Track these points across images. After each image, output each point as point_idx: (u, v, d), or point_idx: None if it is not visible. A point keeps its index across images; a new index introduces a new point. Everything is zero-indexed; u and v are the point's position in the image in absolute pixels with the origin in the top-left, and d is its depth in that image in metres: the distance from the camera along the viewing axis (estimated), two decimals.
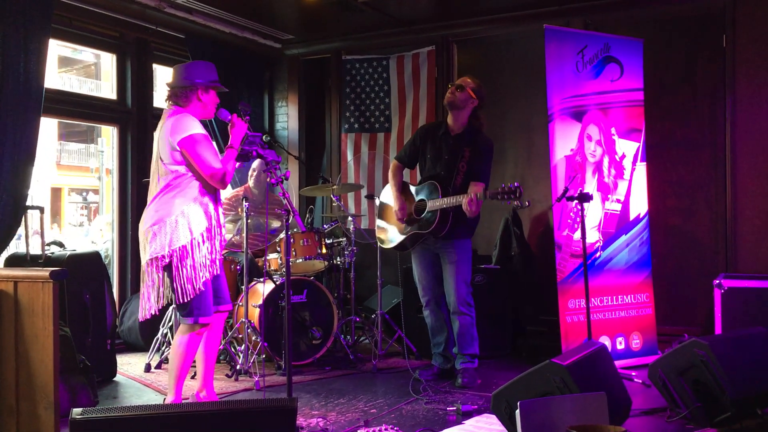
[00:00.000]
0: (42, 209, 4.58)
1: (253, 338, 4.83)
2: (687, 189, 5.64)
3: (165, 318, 4.97)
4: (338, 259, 5.57)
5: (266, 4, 6.22)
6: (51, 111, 5.40)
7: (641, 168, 5.19)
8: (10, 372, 3.27)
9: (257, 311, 4.85)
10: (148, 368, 4.90)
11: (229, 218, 5.30)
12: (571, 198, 4.44)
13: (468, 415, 3.76)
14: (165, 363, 4.91)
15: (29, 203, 4.60)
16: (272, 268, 5.13)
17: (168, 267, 3.52)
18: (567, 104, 4.95)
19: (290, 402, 2.63)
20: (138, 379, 4.73)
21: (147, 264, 3.56)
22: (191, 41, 6.21)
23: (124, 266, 5.97)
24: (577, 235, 4.70)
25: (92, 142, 17.55)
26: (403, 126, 6.67)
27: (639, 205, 5.17)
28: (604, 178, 5.06)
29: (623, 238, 5.08)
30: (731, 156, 5.39)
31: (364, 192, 6.63)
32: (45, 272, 3.22)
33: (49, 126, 15.21)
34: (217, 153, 3.65)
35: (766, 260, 5.25)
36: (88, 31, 5.74)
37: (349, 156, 6.93)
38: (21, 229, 4.57)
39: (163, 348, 4.97)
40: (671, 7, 5.69)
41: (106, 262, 5.66)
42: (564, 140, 4.93)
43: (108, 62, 6.34)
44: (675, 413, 3.58)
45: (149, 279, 3.56)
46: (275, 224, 5.45)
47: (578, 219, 4.53)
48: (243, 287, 4.84)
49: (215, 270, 3.61)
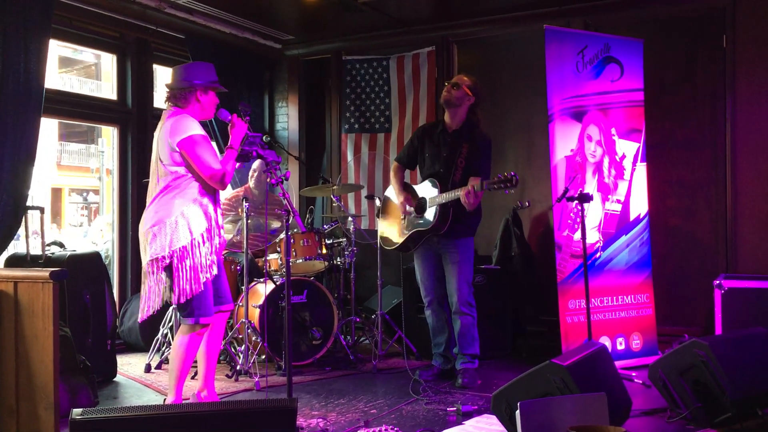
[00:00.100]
0: (42, 209, 4.59)
1: (254, 338, 4.83)
2: (687, 189, 5.64)
3: (165, 318, 4.97)
4: (338, 260, 5.57)
5: (266, 5, 6.22)
6: (51, 111, 5.40)
7: (641, 168, 5.18)
8: (10, 372, 3.27)
9: (257, 312, 4.85)
10: (149, 368, 4.90)
11: (230, 219, 5.30)
12: (572, 198, 4.44)
13: (468, 416, 3.76)
14: (165, 363, 4.91)
15: (29, 203, 4.60)
16: (272, 269, 5.14)
17: (168, 268, 3.52)
18: (567, 104, 4.95)
19: (290, 402, 2.64)
20: (138, 380, 4.74)
21: (147, 265, 3.57)
22: (191, 42, 6.21)
23: (125, 266, 5.97)
24: (578, 236, 4.70)
25: (92, 143, 17.56)
26: (404, 126, 6.67)
27: (639, 206, 5.17)
28: (605, 179, 5.06)
29: (623, 239, 5.08)
30: (731, 156, 5.39)
31: (365, 192, 6.63)
32: (45, 273, 3.22)
33: (50, 126, 15.22)
34: (217, 154, 3.66)
35: (767, 260, 5.25)
36: (89, 32, 5.74)
37: (350, 156, 6.93)
38: (21, 230, 4.57)
39: (164, 348, 4.97)
40: (671, 8, 5.69)
41: (107, 263, 5.66)
42: (564, 140, 4.93)
43: (108, 62, 6.34)
44: (675, 414, 3.58)
45: (150, 280, 3.56)
46: (275, 224, 5.45)
47: (578, 219, 4.53)
48: (243, 287, 4.84)
49: (214, 270, 3.61)
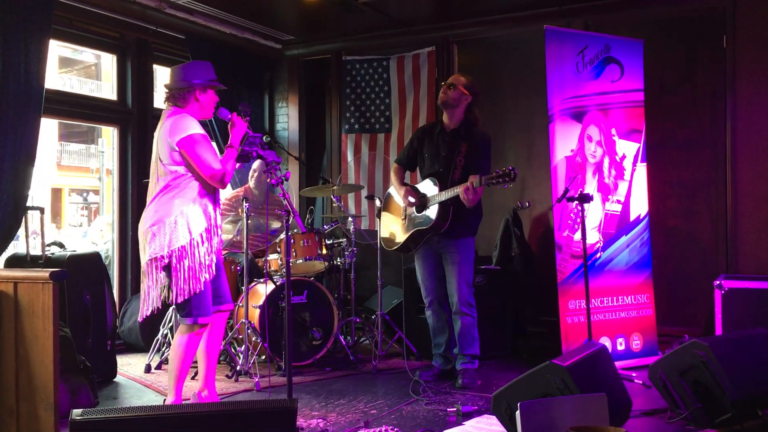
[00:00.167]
0: (42, 210, 4.59)
1: (254, 339, 4.83)
2: (687, 190, 5.64)
3: (165, 319, 4.97)
4: (338, 260, 5.57)
5: (267, 5, 6.22)
6: (51, 111, 5.40)
7: (641, 169, 5.18)
8: (10, 373, 3.27)
9: (257, 312, 4.85)
10: (149, 369, 4.90)
11: (230, 219, 5.30)
12: (572, 199, 4.44)
13: (468, 416, 3.76)
14: (165, 364, 4.91)
15: (29, 204, 4.61)
16: (272, 269, 5.14)
17: (167, 267, 3.52)
18: (567, 105, 4.95)
19: (290, 403, 2.64)
20: (138, 380, 4.73)
21: (146, 264, 3.57)
22: (191, 42, 6.21)
23: (125, 267, 5.96)
24: (578, 236, 4.70)
25: (93, 143, 17.57)
26: (404, 126, 6.67)
27: (639, 206, 5.17)
28: (605, 179, 5.05)
29: (623, 239, 5.08)
30: (732, 157, 5.39)
31: (365, 193, 6.63)
32: (45, 273, 3.22)
33: (50, 126, 15.23)
34: (216, 153, 3.65)
35: (767, 261, 5.25)
36: (89, 32, 5.74)
37: (350, 157, 6.93)
38: (21, 230, 4.57)
39: (164, 349, 4.97)
40: (671, 8, 5.69)
41: (107, 263, 5.66)
42: (564, 141, 4.93)
43: (108, 63, 6.34)
44: (675, 414, 3.58)
45: (149, 279, 3.56)
46: (275, 225, 5.45)
47: (578, 220, 4.52)
48: (243, 288, 4.84)
49: (213, 270, 3.61)
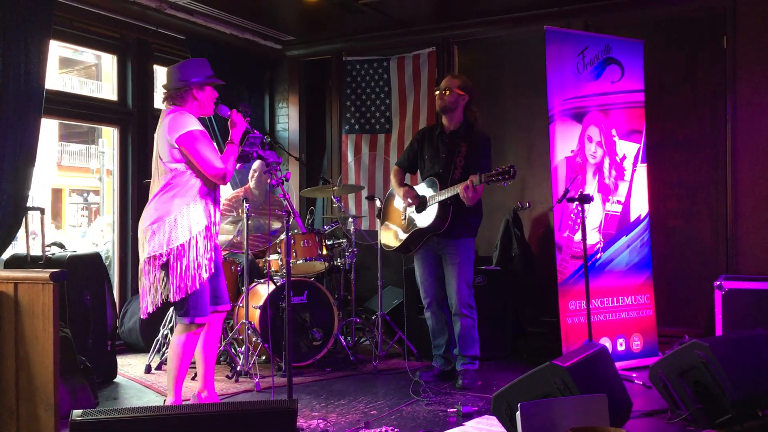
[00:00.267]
0: (42, 210, 4.59)
1: (254, 339, 4.83)
2: (687, 190, 5.63)
3: (165, 319, 4.97)
4: (339, 261, 5.56)
5: (267, 6, 6.22)
6: (52, 112, 5.40)
7: (642, 169, 5.18)
8: (10, 373, 3.26)
9: (258, 312, 4.85)
10: (149, 369, 4.90)
11: (230, 219, 5.30)
12: (572, 199, 4.44)
13: (468, 417, 3.76)
14: (165, 364, 4.89)
15: (30, 204, 4.61)
16: (273, 269, 5.13)
17: (165, 265, 3.51)
18: (567, 105, 4.95)
19: (291, 403, 2.63)
20: (138, 381, 4.74)
21: (145, 262, 3.56)
22: (192, 42, 6.21)
23: (125, 267, 5.96)
24: (578, 237, 4.70)
25: (93, 143, 17.57)
26: (404, 127, 6.66)
27: (639, 207, 5.17)
28: (605, 180, 5.05)
29: (624, 240, 5.08)
30: (732, 157, 5.38)
31: (365, 193, 6.63)
32: (45, 274, 3.22)
33: (50, 127, 15.23)
34: (216, 149, 3.65)
35: (767, 261, 5.25)
36: (89, 32, 5.74)
37: (350, 157, 6.93)
38: (21, 230, 4.57)
39: (164, 349, 4.97)
40: (672, 8, 5.69)
41: (107, 263, 5.66)
42: (564, 141, 4.93)
43: (109, 63, 6.33)
44: (676, 415, 3.58)
45: (147, 277, 3.55)
46: (276, 225, 5.45)
47: (579, 220, 4.52)
48: (243, 288, 4.84)
49: (211, 269, 3.60)
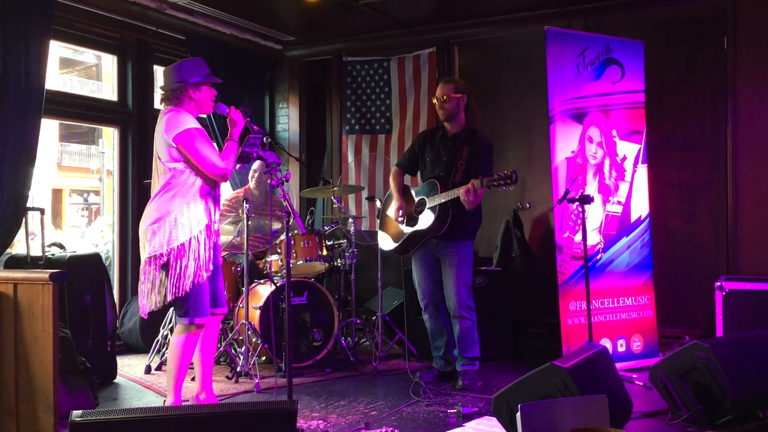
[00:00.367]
0: (42, 211, 4.58)
1: (254, 340, 4.82)
2: (688, 191, 5.63)
3: (165, 320, 4.97)
4: (339, 261, 5.56)
5: (267, 6, 6.22)
6: (52, 112, 5.40)
7: (642, 170, 5.18)
8: (10, 374, 3.26)
9: (258, 313, 4.84)
10: (149, 370, 4.90)
11: (230, 220, 5.30)
12: (572, 200, 4.44)
13: (469, 418, 3.76)
14: (165, 365, 4.89)
15: (30, 204, 4.60)
16: (273, 270, 5.13)
17: (165, 265, 3.51)
18: (568, 106, 4.95)
19: (290, 404, 2.63)
20: (138, 381, 4.73)
21: (145, 262, 3.56)
22: (192, 42, 6.21)
23: (125, 268, 5.96)
24: (578, 237, 4.70)
25: (93, 144, 17.56)
26: (404, 128, 6.66)
27: (640, 207, 5.16)
28: (605, 180, 5.05)
29: (624, 240, 5.08)
30: (732, 157, 5.38)
31: (365, 194, 6.62)
32: (45, 274, 3.22)
33: (50, 127, 15.22)
34: (215, 147, 3.65)
35: None
36: (89, 33, 5.74)
37: (350, 158, 6.93)
38: (21, 231, 4.57)
39: (164, 350, 4.96)
40: (672, 9, 5.69)
41: (107, 264, 5.66)
42: (565, 142, 4.92)
43: (109, 63, 6.33)
44: (676, 416, 3.57)
45: (147, 277, 3.55)
46: (276, 226, 5.45)
47: (579, 221, 4.52)
48: (243, 289, 4.84)
49: (211, 268, 3.60)
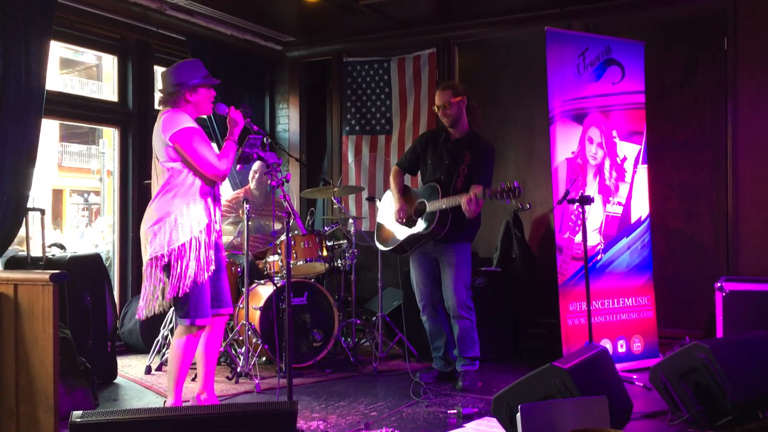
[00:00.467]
0: (43, 211, 4.58)
1: (254, 340, 4.82)
2: (688, 191, 5.63)
3: (166, 320, 4.97)
4: (339, 262, 5.56)
5: (267, 6, 6.22)
6: (52, 113, 5.40)
7: (642, 170, 5.18)
8: (10, 375, 3.27)
9: (258, 313, 4.84)
10: (149, 370, 4.90)
11: (230, 220, 5.30)
12: (572, 201, 4.44)
13: (469, 418, 3.76)
14: (165, 365, 4.88)
15: (30, 205, 4.60)
16: (273, 270, 5.13)
17: (167, 266, 3.52)
18: (568, 107, 4.95)
19: (291, 405, 2.63)
20: (138, 382, 4.73)
21: (147, 264, 3.56)
22: (192, 43, 6.21)
23: (125, 268, 5.96)
24: (578, 238, 4.70)
25: (94, 144, 17.56)
26: (404, 128, 6.66)
27: (640, 208, 5.16)
28: (606, 181, 5.05)
29: (624, 241, 5.08)
30: (733, 158, 5.38)
31: (365, 194, 6.62)
32: (45, 275, 3.22)
33: (51, 127, 15.21)
34: (212, 146, 3.65)
35: None
36: (90, 33, 5.74)
37: (350, 158, 6.93)
38: (22, 231, 4.57)
39: (164, 350, 4.97)
40: (672, 10, 5.69)
41: (107, 264, 5.66)
42: (565, 143, 4.92)
43: (109, 64, 6.34)
44: (676, 416, 3.57)
45: (149, 279, 3.55)
46: (276, 226, 5.45)
47: (579, 222, 4.52)
48: (244, 289, 4.84)
49: (212, 268, 3.60)
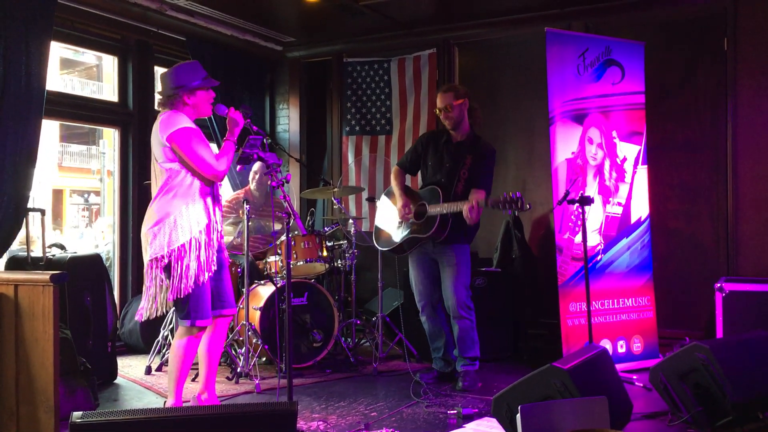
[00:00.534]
0: (43, 211, 4.59)
1: (254, 341, 4.83)
2: (688, 192, 5.63)
3: (166, 320, 4.97)
4: (339, 262, 5.56)
5: (267, 7, 6.22)
6: (52, 113, 5.40)
7: (642, 171, 5.18)
8: (11, 375, 3.27)
9: (258, 314, 4.84)
10: (149, 371, 4.90)
11: (230, 221, 5.30)
12: (572, 201, 4.44)
13: (469, 419, 3.76)
14: (166, 365, 4.90)
15: (30, 205, 4.61)
16: (273, 271, 5.13)
17: (167, 267, 3.52)
18: (568, 107, 4.95)
19: (291, 405, 2.63)
20: (138, 382, 4.73)
21: (147, 265, 3.57)
22: (192, 43, 6.22)
23: (125, 268, 5.96)
24: (578, 239, 4.70)
25: (94, 144, 17.57)
26: (405, 129, 6.66)
27: (640, 208, 5.17)
28: (605, 181, 5.05)
29: (624, 242, 5.08)
30: (732, 159, 5.38)
31: (365, 195, 6.63)
32: (45, 275, 3.22)
33: (51, 128, 15.22)
34: (210, 146, 3.65)
35: None
36: (90, 34, 5.74)
37: (350, 159, 6.93)
38: (22, 231, 4.57)
39: (164, 350, 4.97)
40: (672, 10, 5.69)
41: (107, 265, 5.66)
42: (565, 143, 4.93)
43: (109, 64, 6.35)
44: (676, 417, 3.57)
45: (150, 280, 3.56)
46: (276, 227, 5.45)
47: (579, 222, 4.52)
48: (244, 290, 4.84)
49: (214, 266, 3.60)
